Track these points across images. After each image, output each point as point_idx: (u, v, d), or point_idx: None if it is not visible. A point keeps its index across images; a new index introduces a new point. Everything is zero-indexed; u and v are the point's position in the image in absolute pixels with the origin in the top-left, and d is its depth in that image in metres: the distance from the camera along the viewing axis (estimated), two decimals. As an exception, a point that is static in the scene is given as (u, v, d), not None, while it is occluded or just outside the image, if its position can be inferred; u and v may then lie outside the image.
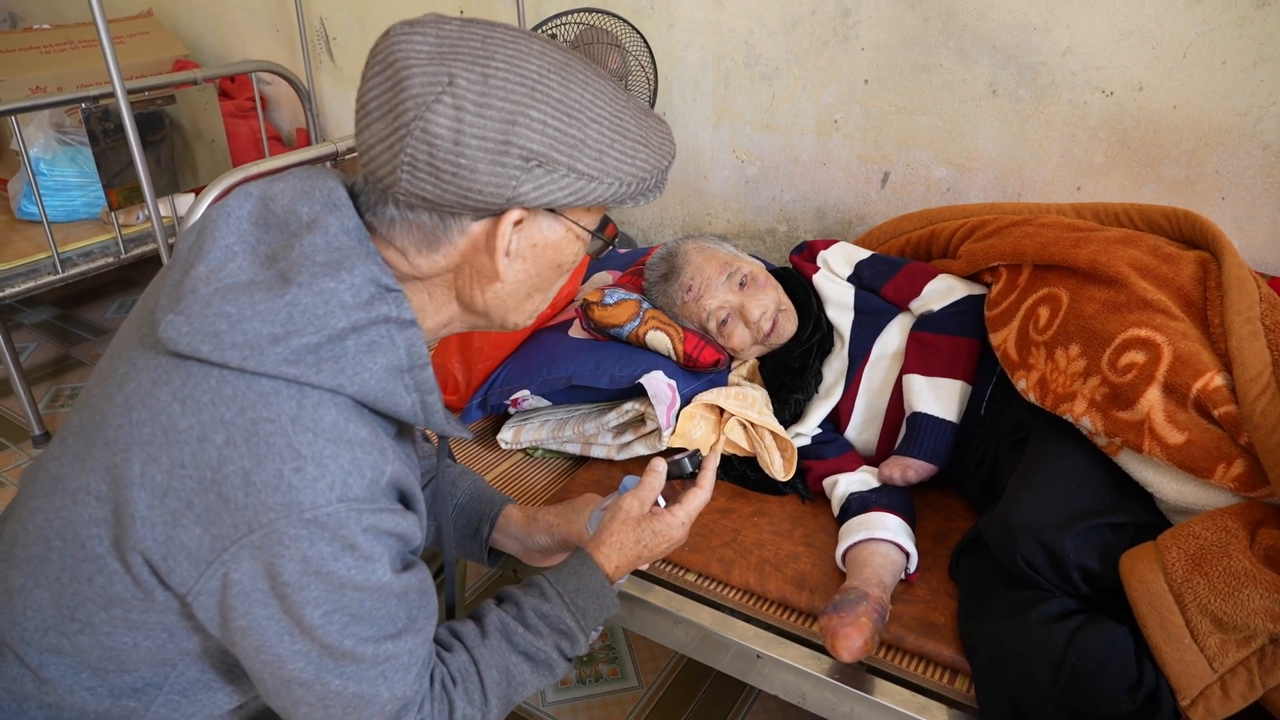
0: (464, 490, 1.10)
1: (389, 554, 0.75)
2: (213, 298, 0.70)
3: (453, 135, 0.69)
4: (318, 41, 2.50)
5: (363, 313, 0.72)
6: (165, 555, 0.69)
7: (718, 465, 1.07)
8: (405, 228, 0.76)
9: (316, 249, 0.73)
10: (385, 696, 0.76)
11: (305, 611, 0.70)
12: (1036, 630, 0.93)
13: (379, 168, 0.72)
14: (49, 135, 2.22)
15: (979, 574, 1.07)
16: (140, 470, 0.69)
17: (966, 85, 1.64)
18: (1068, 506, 0.98)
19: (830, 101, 1.80)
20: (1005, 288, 1.20)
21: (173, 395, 0.70)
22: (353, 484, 0.70)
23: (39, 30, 2.46)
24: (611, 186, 0.76)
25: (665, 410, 1.25)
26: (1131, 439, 0.98)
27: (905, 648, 1.05)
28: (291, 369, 0.69)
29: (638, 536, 0.96)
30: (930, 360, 1.24)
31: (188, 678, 0.79)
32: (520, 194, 0.72)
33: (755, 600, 1.13)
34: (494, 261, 0.77)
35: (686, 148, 2.03)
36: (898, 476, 1.20)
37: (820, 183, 1.89)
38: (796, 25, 1.78)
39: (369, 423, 0.75)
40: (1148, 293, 1.03)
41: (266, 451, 0.68)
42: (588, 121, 0.73)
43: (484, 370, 1.42)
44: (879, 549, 1.10)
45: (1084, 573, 0.95)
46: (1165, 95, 1.48)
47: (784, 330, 1.35)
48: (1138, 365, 0.99)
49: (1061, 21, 1.52)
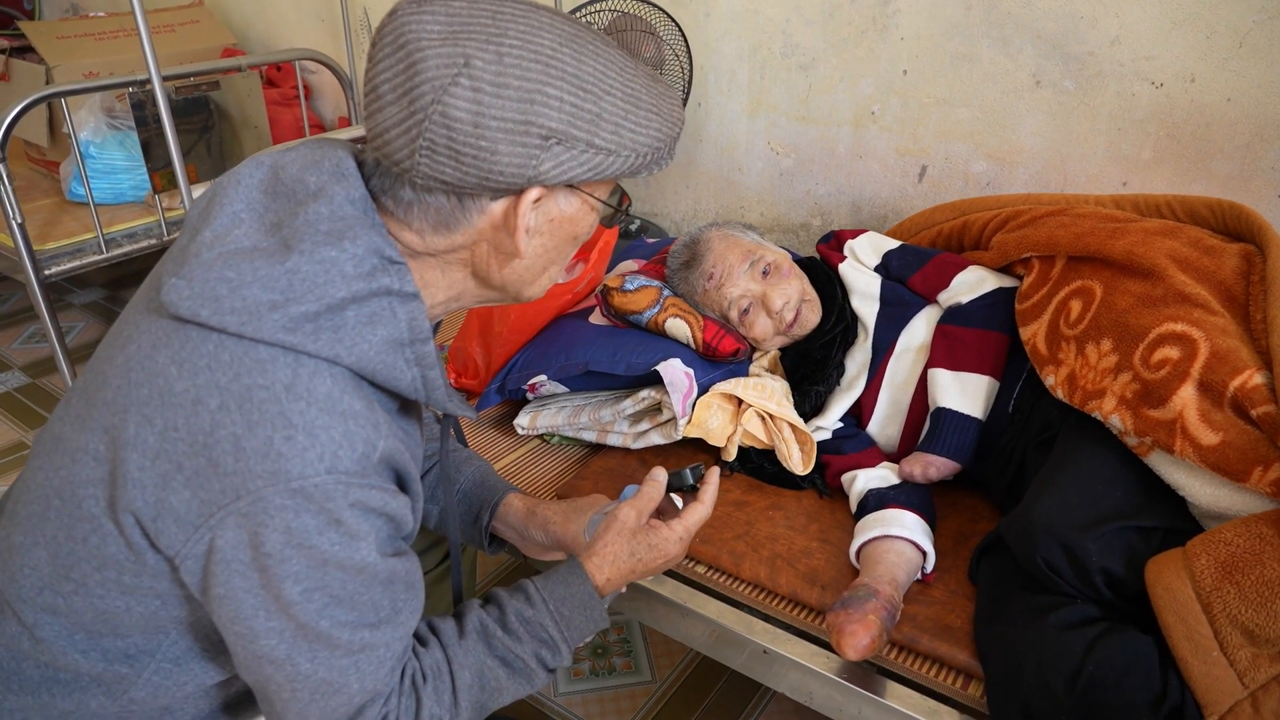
0: (468, 476, 1.09)
1: (376, 535, 0.73)
2: (215, 262, 0.70)
3: (472, 118, 0.68)
4: (361, 31, 2.53)
5: (364, 283, 0.72)
6: (155, 517, 0.69)
7: (726, 468, 1.06)
8: (422, 210, 0.75)
9: (320, 217, 0.72)
10: (354, 688, 0.74)
11: (285, 586, 0.69)
12: (1053, 636, 0.89)
13: (395, 152, 0.71)
14: (99, 119, 2.27)
15: (999, 577, 1.03)
16: (135, 431, 0.69)
17: (1009, 76, 1.59)
18: (1093, 507, 0.94)
19: (868, 93, 1.76)
20: (1037, 280, 1.16)
21: (170, 358, 0.70)
22: (343, 456, 0.70)
23: (94, 18, 2.52)
24: (628, 159, 0.75)
25: (681, 399, 1.22)
26: (1163, 439, 0.93)
27: (918, 649, 1.01)
28: (289, 336, 0.69)
29: (632, 549, 0.93)
30: (957, 354, 1.20)
31: (180, 646, 0.79)
32: (541, 172, 0.72)
33: (765, 595, 1.10)
34: (514, 239, 0.76)
35: (721, 139, 2.00)
36: (918, 473, 1.16)
37: (856, 176, 1.85)
38: (835, 14, 1.74)
39: (366, 396, 0.74)
40: (1186, 286, 0.98)
41: (258, 418, 0.67)
42: (602, 94, 0.72)
43: (504, 355, 1.41)
44: (894, 546, 1.06)
45: (1107, 577, 0.90)
46: (1219, 87, 1.41)
47: (807, 321, 1.32)
48: (1172, 361, 0.94)
49: (1110, 10, 1.46)
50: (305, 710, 0.74)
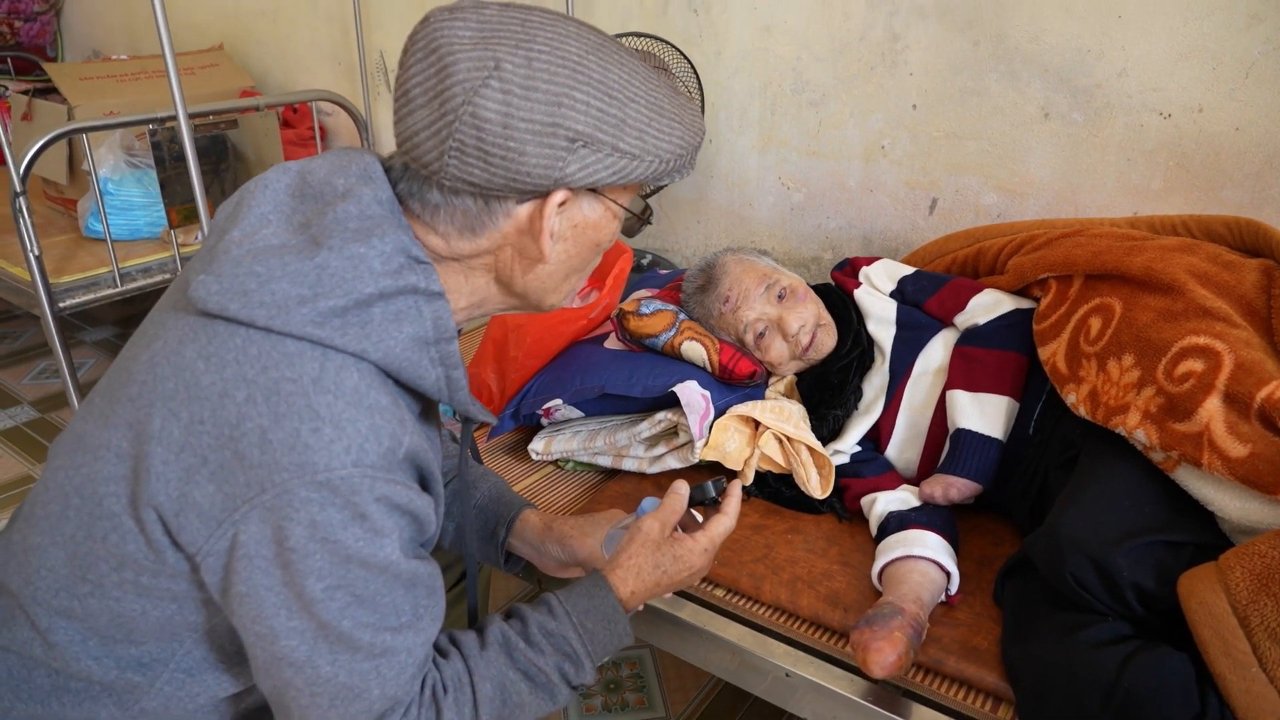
0: (484, 492, 1.08)
1: (399, 533, 0.73)
2: (244, 258, 0.71)
3: (501, 119, 0.69)
4: (377, 74, 2.58)
5: (391, 280, 0.73)
6: (178, 512, 0.68)
7: (743, 492, 1.04)
8: (449, 213, 0.76)
9: (349, 216, 0.74)
10: (375, 694, 0.73)
11: (308, 583, 0.68)
12: (1086, 652, 0.87)
13: (424, 154, 0.73)
14: (118, 157, 2.31)
15: (1025, 597, 1.01)
16: (160, 425, 0.69)
17: (1018, 109, 1.61)
18: (1121, 522, 0.92)
19: (878, 127, 1.79)
20: (1055, 300, 1.16)
21: (198, 352, 0.70)
22: (369, 449, 0.69)
23: (116, 60, 2.58)
24: (652, 164, 0.76)
25: (698, 420, 1.22)
26: (1189, 452, 0.92)
27: (945, 671, 0.98)
28: (317, 330, 0.69)
29: (656, 561, 0.91)
30: (975, 375, 1.19)
31: (195, 656, 0.78)
32: (567, 174, 0.73)
33: (786, 618, 1.08)
34: (539, 244, 0.77)
35: (732, 174, 2.03)
36: (939, 495, 1.14)
37: (866, 209, 1.86)
38: (844, 51, 1.77)
39: (391, 393, 0.74)
40: (1206, 300, 0.98)
41: (285, 410, 0.67)
42: (627, 101, 0.74)
43: (518, 380, 1.41)
44: (917, 566, 1.04)
45: (1139, 592, 0.89)
46: (1227, 117, 1.43)
47: (823, 345, 1.32)
48: (1196, 374, 0.93)
49: (1117, 43, 1.49)
50: (325, 716, 0.72)
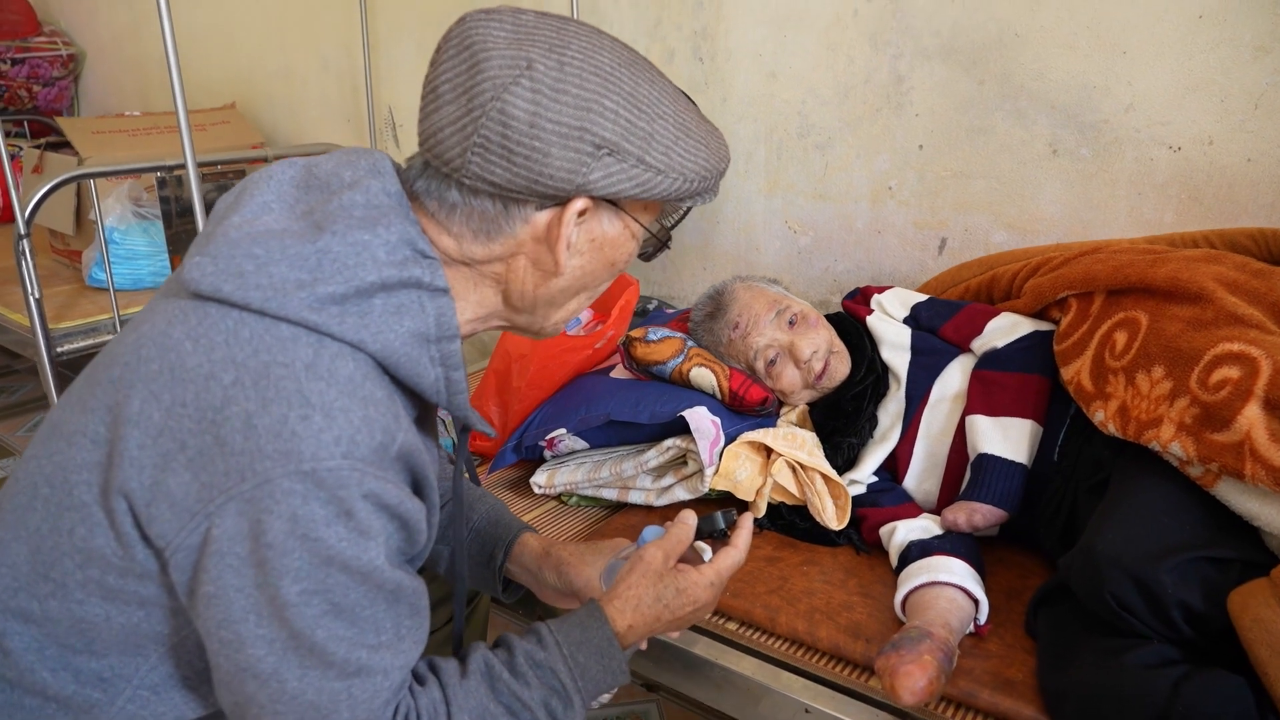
0: (482, 514, 1.02)
1: (386, 538, 0.67)
2: (242, 240, 0.68)
3: (529, 118, 0.68)
4: (385, 129, 2.61)
5: (395, 271, 0.70)
6: (150, 501, 0.64)
7: (755, 524, 0.98)
8: (466, 214, 0.74)
9: (355, 204, 0.71)
10: (344, 717, 0.66)
11: (283, 584, 0.62)
12: (1135, 675, 0.80)
13: (447, 150, 0.71)
14: (125, 207, 2.31)
15: (1061, 625, 0.94)
16: (139, 407, 0.65)
17: (1025, 146, 1.61)
18: (1162, 538, 0.86)
19: (884, 168, 1.78)
20: (1076, 318, 1.12)
21: (186, 333, 0.66)
22: (360, 442, 0.65)
23: (129, 116, 2.62)
24: (676, 181, 0.74)
25: (709, 447, 1.17)
26: (1230, 463, 0.87)
27: (978, 705, 0.91)
28: (314, 316, 0.66)
29: (658, 593, 0.84)
30: (995, 399, 1.15)
31: (160, 673, 0.72)
32: (590, 181, 0.71)
33: (804, 651, 1.01)
34: (555, 254, 0.75)
35: (738, 220, 2.02)
36: (963, 521, 1.08)
37: (875, 251, 1.85)
38: (849, 94, 1.78)
39: (387, 389, 0.70)
40: (1238, 307, 0.94)
41: (274, 396, 0.63)
42: (656, 117, 0.72)
43: (521, 412, 1.37)
44: (944, 593, 0.98)
45: (1186, 612, 0.82)
46: (1238, 148, 1.42)
47: (836, 372, 1.28)
48: (1232, 381, 0.89)
49: (1122, 78, 1.49)
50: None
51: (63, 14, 3.50)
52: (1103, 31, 1.49)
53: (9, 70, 3.25)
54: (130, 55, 3.35)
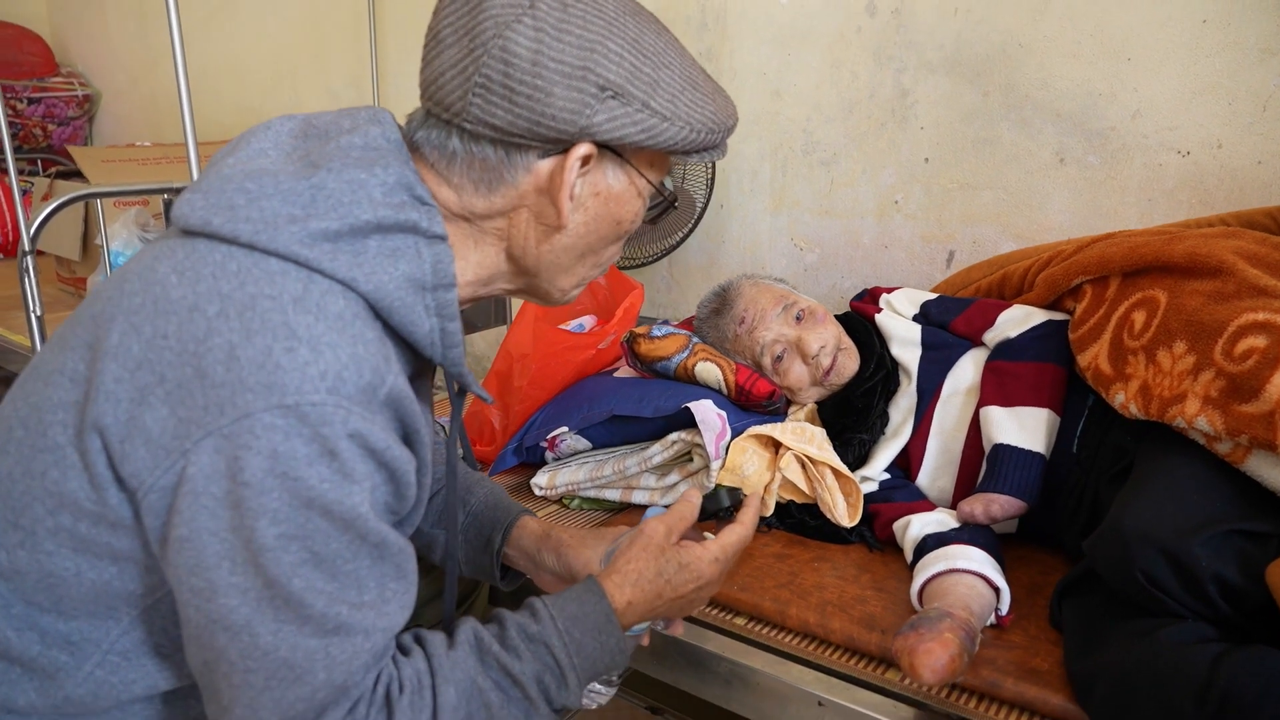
0: (480, 497, 0.98)
1: (372, 487, 0.64)
2: (234, 176, 0.67)
3: (531, 55, 0.66)
4: (392, 160, 2.63)
5: (391, 212, 0.67)
6: (124, 438, 0.60)
7: (764, 524, 0.94)
8: (467, 162, 0.72)
9: (353, 146, 0.70)
10: (320, 679, 0.61)
11: (259, 526, 0.59)
12: (1170, 651, 0.75)
13: (448, 95, 0.69)
14: (132, 232, 2.32)
15: (1088, 612, 0.89)
16: (118, 340, 0.62)
17: (1032, 156, 1.60)
18: (1193, 512, 0.82)
19: (890, 183, 1.77)
20: (1092, 304, 1.09)
21: (172, 267, 0.64)
22: (348, 378, 0.62)
23: (140, 146, 2.64)
24: (682, 130, 0.72)
25: (714, 439, 1.13)
26: (1261, 435, 0.83)
27: (1002, 696, 0.86)
28: (305, 251, 0.64)
29: (659, 568, 0.79)
30: (1010, 389, 1.11)
31: (132, 638, 0.67)
32: (593, 124, 0.69)
33: (816, 644, 0.96)
34: (558, 205, 0.72)
35: (744, 238, 2.01)
36: (980, 512, 1.04)
37: (882, 266, 1.83)
38: (854, 109, 1.79)
39: (379, 333, 0.67)
40: (1260, 279, 0.91)
41: (259, 326, 0.60)
42: (661, 65, 0.71)
43: (523, 413, 1.33)
44: (962, 580, 0.93)
45: (1222, 586, 0.78)
46: (1247, 150, 1.41)
47: (845, 369, 1.25)
48: (1259, 349, 0.85)
49: (1128, 85, 1.49)
50: (257, 700, 0.61)
51: (80, 57, 3.57)
52: (1106, 39, 1.49)
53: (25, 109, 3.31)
54: (144, 94, 3.41)
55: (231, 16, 2.88)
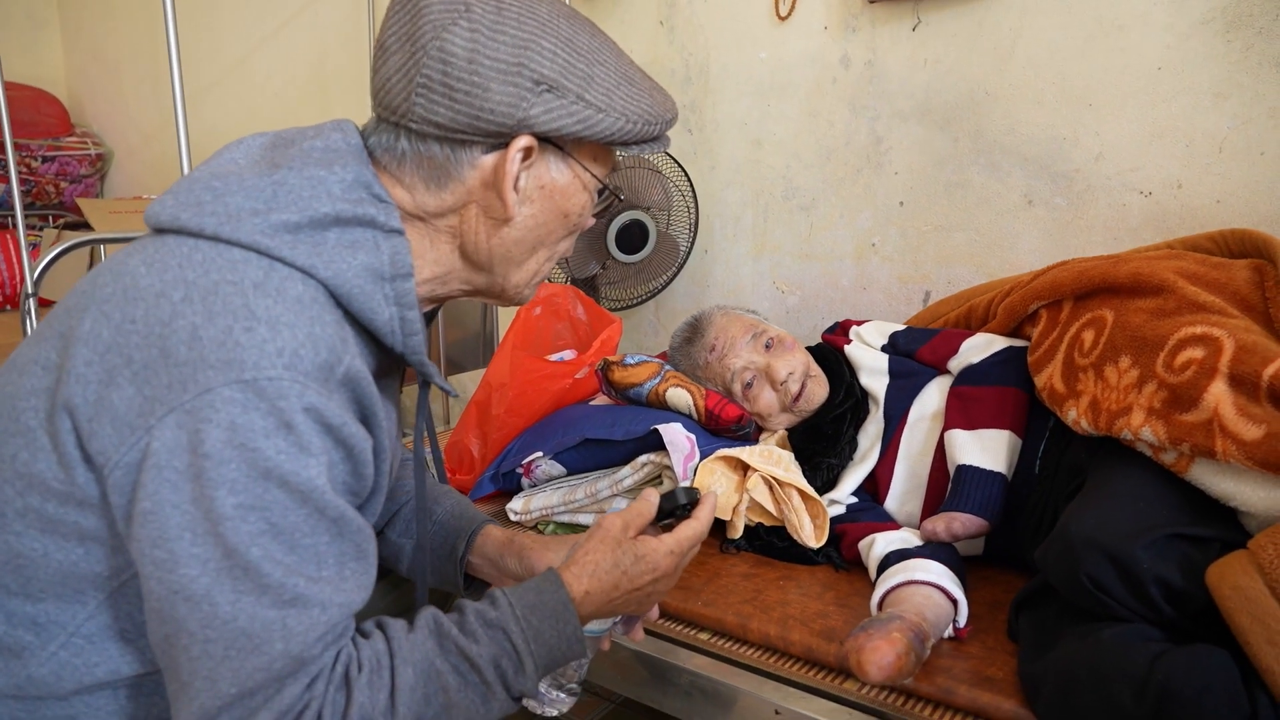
0: (445, 508, 1.00)
1: (330, 463, 0.67)
2: (202, 178, 0.72)
3: (467, 54, 0.71)
4: (391, 211, 2.71)
5: (349, 206, 0.72)
6: (92, 416, 0.64)
7: (733, 546, 0.95)
8: (416, 161, 0.76)
9: (314, 148, 0.75)
10: (278, 649, 0.63)
11: (218, 495, 0.61)
12: (1111, 648, 0.76)
13: (394, 98, 0.74)
14: (135, 278, 2.39)
15: (1042, 622, 0.91)
16: (90, 327, 0.66)
17: (1001, 198, 1.65)
18: (1136, 519, 0.84)
19: (867, 226, 1.83)
20: (1046, 327, 1.12)
21: (142, 260, 0.69)
22: (304, 356, 0.65)
23: (147, 199, 2.73)
24: (618, 121, 0.76)
25: (683, 461, 1.15)
26: (1201, 442, 0.85)
27: (956, 703, 0.86)
28: (266, 240, 0.68)
29: (616, 559, 0.80)
30: (973, 413, 1.14)
31: (98, 622, 0.69)
32: (531, 117, 0.73)
33: (776, 657, 0.97)
34: (503, 197, 0.76)
35: (727, 282, 2.06)
36: (942, 530, 1.05)
37: (861, 307, 1.87)
38: (831, 157, 1.85)
39: (338, 318, 0.71)
40: (1199, 295, 0.94)
41: (220, 309, 0.64)
42: (595, 62, 0.76)
43: (501, 441, 1.36)
44: (920, 590, 0.95)
45: (1164, 589, 0.79)
46: (1206, 190, 1.45)
47: (813, 396, 1.27)
48: (1197, 360, 0.88)
49: (1090, 129, 1.54)
50: (216, 671, 0.62)
51: (95, 117, 3.70)
52: (1068, 86, 1.56)
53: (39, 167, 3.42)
54: (156, 152, 3.52)
55: (242, 79, 2.99)
